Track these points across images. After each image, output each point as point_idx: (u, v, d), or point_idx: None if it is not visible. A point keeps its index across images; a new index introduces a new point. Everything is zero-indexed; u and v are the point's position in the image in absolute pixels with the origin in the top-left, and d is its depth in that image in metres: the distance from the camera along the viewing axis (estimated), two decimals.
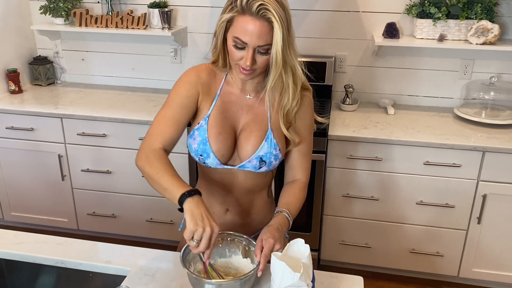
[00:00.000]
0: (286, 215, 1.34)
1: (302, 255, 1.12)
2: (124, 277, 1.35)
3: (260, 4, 1.19)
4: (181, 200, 1.20)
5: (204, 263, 1.24)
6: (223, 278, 1.25)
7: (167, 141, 1.35)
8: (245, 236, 1.33)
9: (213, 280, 1.21)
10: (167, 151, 1.36)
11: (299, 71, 1.32)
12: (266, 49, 1.25)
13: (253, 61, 1.26)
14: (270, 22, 1.21)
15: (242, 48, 1.25)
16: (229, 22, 1.26)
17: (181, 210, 1.22)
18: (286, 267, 1.06)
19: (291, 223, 1.35)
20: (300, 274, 1.06)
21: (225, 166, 1.39)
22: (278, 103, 1.36)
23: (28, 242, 1.49)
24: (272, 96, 1.36)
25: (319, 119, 1.50)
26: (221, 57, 1.36)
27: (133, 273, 1.34)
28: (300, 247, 1.14)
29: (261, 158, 1.37)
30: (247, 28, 1.21)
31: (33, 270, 1.45)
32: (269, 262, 1.17)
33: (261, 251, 1.21)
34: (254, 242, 1.28)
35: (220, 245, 1.34)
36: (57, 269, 1.43)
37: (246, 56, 1.25)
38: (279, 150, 1.39)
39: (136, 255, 1.43)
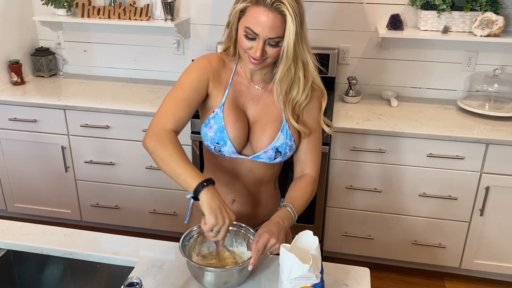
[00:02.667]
0: (290, 209, 1.34)
1: (311, 247, 1.12)
2: (131, 268, 1.36)
3: None
4: (197, 190, 1.19)
5: (217, 246, 1.28)
6: (237, 261, 1.30)
7: (178, 123, 1.31)
8: (243, 225, 1.35)
9: (211, 268, 1.23)
10: (177, 133, 1.32)
11: (311, 65, 1.31)
12: (277, 42, 1.24)
13: (263, 52, 1.25)
14: (283, 15, 1.20)
15: (253, 39, 1.25)
16: (242, 12, 1.26)
17: (195, 198, 1.21)
18: (295, 259, 1.07)
19: (294, 218, 1.35)
20: (309, 265, 1.07)
21: (240, 156, 1.39)
22: (286, 96, 1.35)
23: (35, 233, 1.49)
24: (280, 88, 1.35)
25: (326, 128, 1.44)
26: (233, 46, 1.35)
27: (141, 265, 1.35)
28: (308, 239, 1.15)
29: (277, 149, 1.37)
30: (260, 20, 1.21)
31: (40, 261, 1.46)
32: (277, 254, 1.18)
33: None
34: (252, 231, 1.31)
35: (228, 234, 1.35)
36: (64, 260, 1.43)
37: (256, 47, 1.25)
38: (294, 141, 1.39)
39: (143, 247, 1.44)
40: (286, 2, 1.18)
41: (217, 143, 1.37)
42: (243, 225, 1.35)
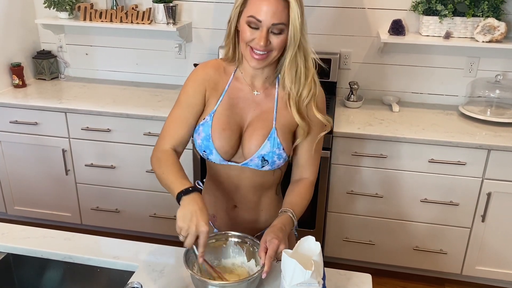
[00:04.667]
0: (290, 215, 1.32)
1: (313, 253, 1.11)
2: (131, 272, 1.35)
3: None
4: (178, 198, 1.23)
5: (198, 260, 1.22)
6: (221, 279, 1.23)
7: (177, 142, 1.38)
8: (249, 237, 1.32)
9: (218, 282, 1.19)
10: (178, 151, 1.38)
11: (311, 56, 1.30)
12: (280, 29, 1.23)
13: (267, 41, 1.24)
14: (285, 0, 1.21)
15: (256, 28, 1.23)
16: (243, 5, 1.25)
17: None
18: (298, 265, 1.06)
19: (295, 223, 1.34)
20: (312, 271, 1.06)
21: (229, 163, 1.38)
22: (289, 95, 1.34)
23: (35, 236, 1.49)
24: (281, 90, 1.34)
25: (320, 117, 1.42)
26: (232, 48, 1.34)
27: (141, 269, 1.34)
28: (310, 245, 1.14)
29: (263, 157, 1.35)
30: (262, 6, 1.21)
31: (40, 265, 1.45)
32: (279, 260, 1.17)
33: (265, 252, 1.19)
34: (258, 242, 1.27)
35: (224, 246, 1.33)
36: (64, 264, 1.43)
37: (260, 36, 1.23)
38: (283, 149, 1.36)
39: (143, 251, 1.43)
40: None
41: (204, 151, 1.38)
42: (249, 236, 1.31)
